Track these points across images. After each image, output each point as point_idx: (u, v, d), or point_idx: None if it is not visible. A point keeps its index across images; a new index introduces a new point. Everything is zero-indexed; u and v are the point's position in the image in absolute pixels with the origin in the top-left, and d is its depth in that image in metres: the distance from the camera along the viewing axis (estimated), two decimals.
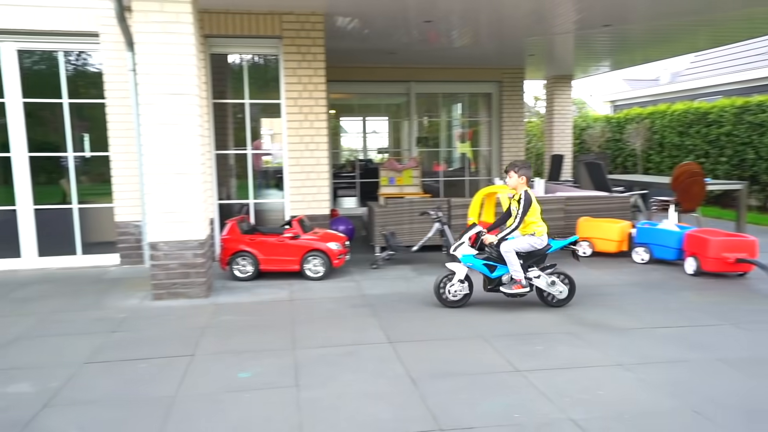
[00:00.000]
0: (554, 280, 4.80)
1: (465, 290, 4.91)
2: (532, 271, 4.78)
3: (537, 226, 4.75)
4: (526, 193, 4.68)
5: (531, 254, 4.79)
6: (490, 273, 4.84)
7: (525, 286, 4.75)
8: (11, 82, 6.40)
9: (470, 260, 4.83)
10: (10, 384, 3.42)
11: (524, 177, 4.73)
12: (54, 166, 6.80)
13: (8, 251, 6.64)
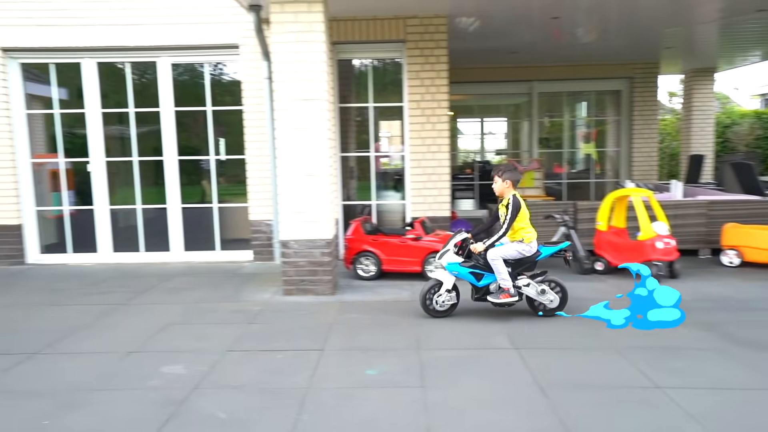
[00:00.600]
0: (544, 289, 4.57)
1: (452, 300, 4.70)
2: (521, 279, 4.58)
3: (526, 232, 4.54)
4: (514, 197, 4.50)
5: (520, 262, 4.58)
6: (477, 282, 4.65)
7: (513, 295, 4.56)
8: (165, 92, 7.10)
9: (456, 268, 4.64)
10: (165, 365, 3.78)
11: (509, 181, 4.55)
12: (194, 168, 7.44)
13: (160, 245, 7.37)
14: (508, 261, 4.56)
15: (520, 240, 4.54)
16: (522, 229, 4.54)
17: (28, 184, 7.21)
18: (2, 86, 6.88)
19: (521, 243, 4.54)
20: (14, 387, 3.47)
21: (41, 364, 3.86)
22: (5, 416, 3.10)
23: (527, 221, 4.57)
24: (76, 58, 7.03)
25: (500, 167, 4.68)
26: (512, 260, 4.57)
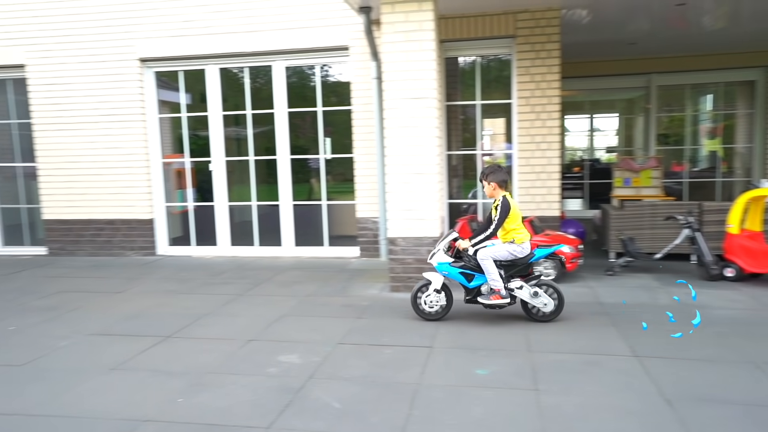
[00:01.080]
0: (537, 291, 4.42)
1: (442, 301, 4.60)
2: (514, 281, 4.45)
3: (517, 233, 4.44)
4: (504, 198, 4.41)
5: (514, 264, 4.47)
6: (468, 282, 4.53)
7: (505, 296, 4.43)
8: (279, 94, 7.46)
9: (446, 268, 4.53)
10: (282, 354, 3.97)
11: (494, 183, 4.48)
12: (302, 166, 7.74)
13: (272, 240, 7.76)
14: (501, 263, 4.47)
15: (511, 241, 4.46)
16: (514, 230, 4.46)
17: (159, 182, 7.87)
18: (139, 93, 7.57)
19: (512, 244, 4.45)
20: (154, 366, 3.81)
21: (174, 346, 4.20)
22: (150, 391, 3.40)
23: (519, 222, 4.48)
24: (201, 65, 7.58)
25: (485, 170, 4.59)
26: (505, 262, 4.48)
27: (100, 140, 7.70)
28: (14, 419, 3.08)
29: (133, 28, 7.46)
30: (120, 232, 7.85)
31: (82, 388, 3.46)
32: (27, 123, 8.03)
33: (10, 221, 8.44)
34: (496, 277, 4.42)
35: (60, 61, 7.64)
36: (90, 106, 7.66)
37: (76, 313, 5.12)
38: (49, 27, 7.62)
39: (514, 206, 4.45)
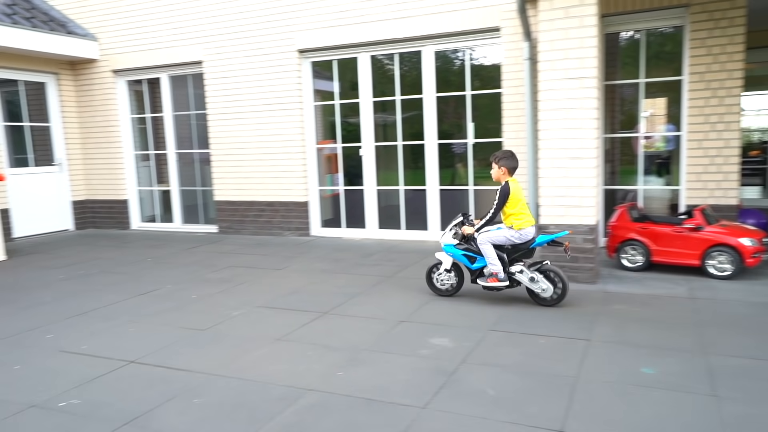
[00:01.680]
0: (534, 276, 4.51)
1: (452, 280, 4.91)
2: (515, 265, 4.58)
3: (516, 219, 4.51)
4: (505, 184, 4.53)
5: (516, 248, 4.60)
6: (471, 264, 4.75)
7: (503, 279, 4.60)
8: (428, 79, 7.50)
9: (451, 250, 4.80)
10: (433, 336, 4.02)
11: (504, 168, 4.57)
12: (444, 151, 7.70)
13: (418, 224, 7.87)
14: (503, 247, 4.62)
15: (509, 226, 4.54)
16: (512, 215, 4.53)
17: (314, 167, 8.34)
18: (297, 83, 8.05)
19: (510, 229, 4.54)
20: (313, 339, 4.06)
21: (331, 322, 4.44)
22: (311, 363, 3.64)
23: (519, 208, 4.52)
24: (354, 53, 7.85)
25: (497, 154, 4.66)
26: (507, 246, 4.61)
27: (263, 128, 8.33)
28: (200, 376, 3.46)
29: (293, 22, 7.93)
30: (279, 214, 8.47)
31: (253, 355, 3.80)
32: (203, 114, 8.93)
33: (188, 202, 9.50)
34: (495, 261, 4.58)
35: (230, 56, 8.37)
36: (254, 96, 8.31)
37: (245, 287, 5.63)
38: (222, 26, 8.37)
39: (513, 192, 4.52)
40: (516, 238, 4.56)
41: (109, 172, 9.68)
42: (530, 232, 4.56)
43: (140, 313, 4.84)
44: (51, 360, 3.82)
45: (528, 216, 4.57)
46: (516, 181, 4.62)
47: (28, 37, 8.37)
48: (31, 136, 9.34)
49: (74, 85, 9.69)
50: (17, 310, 5.04)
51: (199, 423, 2.88)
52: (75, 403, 3.15)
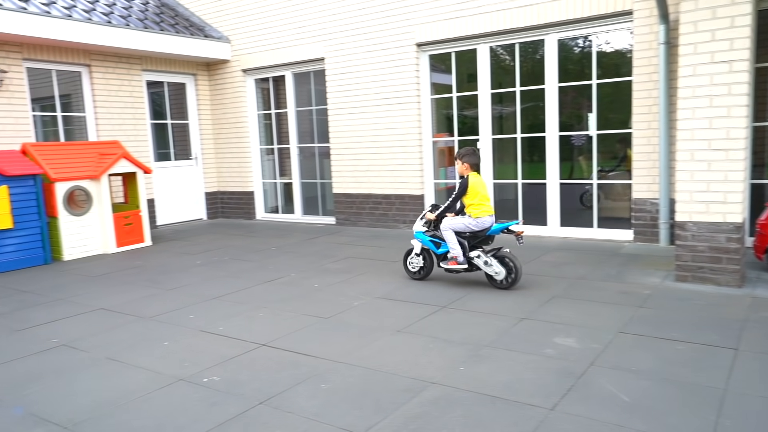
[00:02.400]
0: (488, 261, 4.96)
1: (420, 263, 5.44)
2: (474, 251, 5.04)
3: (474, 209, 5.02)
4: (465, 178, 5.06)
5: (475, 235, 5.07)
6: (437, 249, 5.27)
7: (462, 263, 5.08)
8: (551, 69, 7.20)
9: (420, 236, 5.33)
10: (558, 336, 3.87)
11: (467, 164, 5.09)
12: (563, 144, 7.34)
13: (536, 219, 7.62)
14: (464, 234, 5.11)
15: (468, 215, 5.06)
16: (471, 205, 5.05)
17: (429, 160, 8.35)
18: (415, 76, 8.09)
19: (469, 217, 5.06)
20: (433, 332, 4.07)
21: (450, 316, 4.43)
22: (432, 356, 3.65)
23: (478, 199, 5.02)
24: (473, 45, 7.74)
25: (461, 152, 5.19)
26: (466, 233, 5.10)
27: (380, 122, 8.48)
28: (326, 363, 3.60)
29: (411, 16, 7.97)
30: (394, 206, 8.59)
31: (375, 345, 3.88)
32: (323, 109, 9.27)
33: (308, 194, 9.92)
34: (455, 245, 5.09)
35: (350, 52, 8.60)
36: (373, 91, 8.47)
37: (364, 277, 5.77)
38: (343, 23, 8.61)
39: (472, 185, 5.02)
40: (474, 226, 5.06)
41: (237, 166, 10.36)
42: (487, 221, 5.06)
43: (268, 299, 5.13)
44: (193, 338, 4.16)
45: (486, 207, 5.08)
46: (477, 176, 5.14)
47: (173, 42, 9.16)
48: (172, 133, 10.23)
49: (209, 84, 10.47)
50: (163, 291, 5.56)
51: (327, 408, 3.00)
52: (216, 380, 3.40)
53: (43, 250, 7.05)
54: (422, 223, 5.36)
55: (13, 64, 7.75)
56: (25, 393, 3.33)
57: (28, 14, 7.34)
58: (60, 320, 4.73)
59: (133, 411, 3.05)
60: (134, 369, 3.62)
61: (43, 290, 5.76)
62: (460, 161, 5.15)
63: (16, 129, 7.81)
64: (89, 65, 8.67)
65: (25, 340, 4.26)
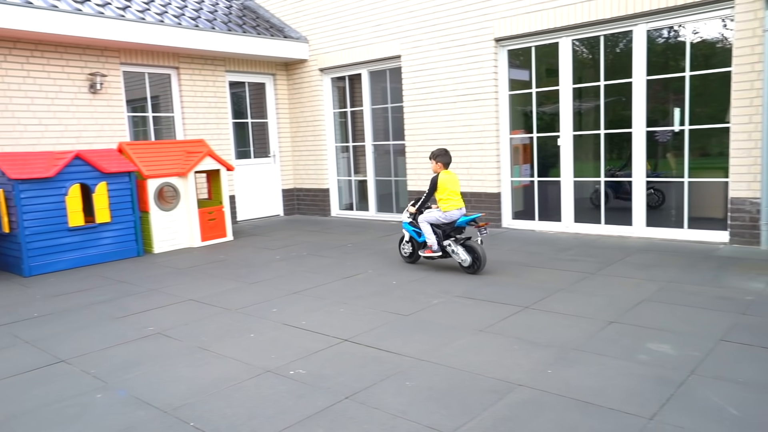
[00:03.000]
0: (454, 249, 5.65)
1: (410, 249, 6.19)
2: (447, 240, 5.74)
3: (444, 203, 5.74)
4: (435, 175, 5.82)
5: (448, 226, 5.75)
6: (418, 238, 6.01)
7: (436, 251, 5.80)
8: (638, 61, 6.86)
9: (406, 227, 6.10)
10: (651, 341, 3.68)
11: (440, 163, 5.84)
12: (650, 139, 6.98)
13: (620, 218, 7.29)
14: (437, 225, 5.81)
15: (438, 208, 5.78)
16: (441, 200, 5.74)
17: (506, 158, 8.18)
18: (493, 72, 7.94)
19: (440, 211, 5.75)
20: (517, 333, 3.98)
21: (533, 317, 4.31)
22: (517, 357, 3.57)
23: (447, 194, 5.70)
24: (554, 38, 7.50)
25: (435, 152, 5.88)
26: (441, 224, 5.77)
27: (456, 119, 8.39)
28: (408, 360, 3.59)
29: (490, 11, 7.83)
30: (470, 205, 8.47)
31: (456, 344, 3.84)
32: (398, 107, 9.29)
33: (382, 191, 9.98)
34: (430, 235, 5.82)
35: (426, 49, 8.56)
36: (449, 88, 8.39)
37: (441, 275, 5.72)
38: (420, 20, 8.58)
39: (441, 182, 5.74)
40: (443, 218, 5.76)
41: (313, 163, 10.57)
42: (455, 214, 5.73)
43: (347, 295, 5.19)
44: (277, 331, 4.27)
45: (454, 201, 5.73)
46: (448, 173, 5.83)
47: (255, 43, 9.46)
48: (252, 132, 10.58)
49: (287, 84, 10.74)
50: (246, 284, 5.75)
51: (413, 405, 2.98)
52: (302, 373, 3.47)
53: (136, 243, 7.48)
54: (407, 215, 6.10)
55: (111, 68, 8.26)
56: (126, 377, 3.53)
57: (126, 21, 7.80)
58: (154, 309, 5.00)
59: (225, 399, 3.16)
60: (224, 359, 3.76)
61: (137, 281, 6.11)
62: (434, 161, 5.88)
63: (114, 129, 8.32)
64: (178, 67, 9.11)
65: (124, 327, 4.53)
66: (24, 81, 7.45)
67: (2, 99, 7.28)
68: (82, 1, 7.72)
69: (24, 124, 7.48)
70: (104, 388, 3.38)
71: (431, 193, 5.83)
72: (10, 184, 6.40)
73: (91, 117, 8.10)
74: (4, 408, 3.19)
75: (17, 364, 3.85)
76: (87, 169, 6.93)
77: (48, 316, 4.95)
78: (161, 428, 2.86)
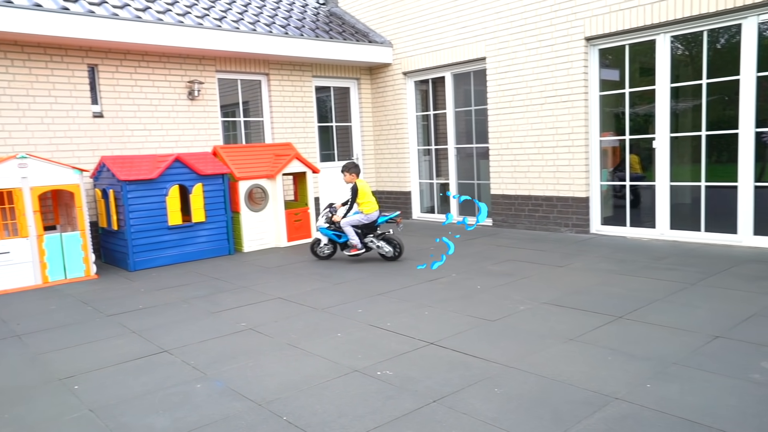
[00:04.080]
0: (378, 244, 6.79)
1: (330, 249, 7.11)
2: (368, 237, 6.83)
3: (365, 206, 6.73)
4: (354, 184, 6.75)
5: (368, 226, 6.78)
6: (338, 239, 6.92)
7: (360, 248, 6.80)
8: (748, 57, 6.37)
9: (324, 231, 6.95)
10: (765, 360, 3.40)
11: (354, 174, 6.80)
12: None
13: (723, 226, 6.81)
14: (357, 226, 6.76)
15: (360, 211, 6.74)
16: (362, 203, 6.73)
17: (596, 161, 7.86)
18: (583, 72, 7.67)
19: (361, 214, 6.73)
20: (610, 344, 3.81)
21: (628, 328, 4.11)
22: (612, 369, 3.41)
23: (366, 199, 6.73)
24: (650, 35, 7.13)
25: (347, 165, 6.84)
26: (361, 225, 6.76)
27: (543, 121, 8.16)
28: (496, 366, 3.53)
29: (580, 9, 7.56)
30: (556, 209, 8.22)
31: (546, 352, 3.72)
32: (481, 109, 9.18)
33: (464, 194, 9.88)
34: (353, 236, 6.73)
35: (513, 51, 8.40)
36: (536, 89, 8.19)
37: (527, 281, 5.59)
38: (506, 21, 8.44)
39: (361, 188, 6.69)
40: (365, 219, 6.72)
41: (396, 166, 10.65)
42: (374, 215, 6.76)
43: (431, 298, 5.18)
44: (363, 332, 4.33)
45: (373, 204, 6.76)
46: (362, 181, 6.81)
47: (341, 48, 9.68)
48: (336, 135, 10.81)
49: (371, 88, 10.90)
50: (331, 285, 5.87)
51: (503, 413, 2.93)
52: (389, 374, 3.50)
53: (227, 241, 7.85)
54: (324, 221, 6.89)
55: (208, 76, 8.73)
56: (223, 369, 3.71)
57: (222, 31, 8.22)
58: (245, 306, 5.22)
59: (315, 396, 3.24)
60: (313, 356, 3.86)
61: (230, 278, 6.41)
62: (349, 173, 6.79)
63: (209, 133, 8.79)
64: (268, 74, 9.48)
65: (219, 322, 4.76)
66: (132, 89, 8.02)
67: (113, 107, 7.88)
68: (184, 13, 8.22)
69: (131, 129, 8.06)
70: (203, 379, 3.57)
71: (354, 200, 6.73)
72: (119, 185, 6.91)
73: (189, 122, 8.59)
74: (117, 391, 3.44)
75: (126, 351, 4.15)
76: (185, 171, 7.35)
77: (151, 308, 5.29)
78: (256, 420, 2.98)
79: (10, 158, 6.11)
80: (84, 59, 7.60)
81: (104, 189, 7.25)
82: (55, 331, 4.71)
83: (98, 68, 7.75)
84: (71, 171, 6.50)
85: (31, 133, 7.25)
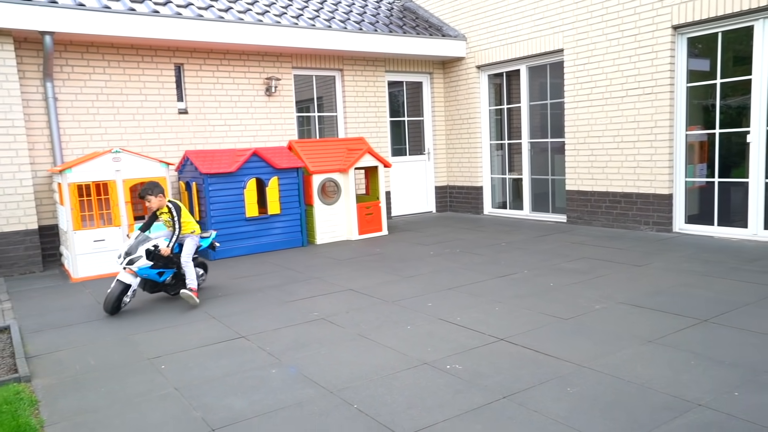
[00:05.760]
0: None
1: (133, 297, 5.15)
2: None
3: (192, 225, 5.34)
4: (172, 203, 5.19)
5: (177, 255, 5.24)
6: (159, 278, 5.18)
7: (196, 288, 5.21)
8: None
9: (147, 272, 5.02)
10: None
11: (161, 195, 5.16)
12: None
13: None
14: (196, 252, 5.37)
15: (192, 231, 5.33)
16: (189, 223, 5.31)
17: (681, 156, 7.45)
18: (669, 63, 7.27)
19: (194, 235, 5.33)
20: (692, 348, 3.62)
21: (713, 332, 3.89)
22: (696, 374, 3.25)
23: (191, 218, 5.36)
24: (748, 21, 6.66)
25: (147, 189, 5.12)
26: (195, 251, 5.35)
27: (624, 114, 7.82)
28: (569, 365, 3.44)
29: None
30: (635, 206, 7.87)
31: (623, 353, 3.59)
32: (557, 103, 8.92)
33: (537, 190, 9.65)
34: (193, 274, 5.22)
35: (592, 42, 8.10)
36: (616, 81, 7.85)
37: (603, 280, 5.40)
38: (585, 11, 8.14)
39: (181, 204, 5.24)
40: (198, 241, 5.40)
41: (467, 161, 10.55)
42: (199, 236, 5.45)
43: (502, 294, 5.11)
44: (433, 326, 4.34)
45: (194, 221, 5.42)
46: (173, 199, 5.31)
47: (415, 43, 9.69)
48: (407, 129, 10.85)
49: (443, 82, 10.84)
50: (402, 278, 5.92)
51: (575, 413, 2.86)
52: (458, 368, 3.50)
53: (301, 233, 8.07)
54: (146, 259, 4.93)
55: (285, 72, 9.00)
56: (296, 356, 3.84)
57: (299, 28, 8.44)
58: (317, 296, 5.36)
59: (385, 386, 3.30)
60: (383, 348, 3.92)
61: (302, 269, 6.60)
62: (154, 197, 5.13)
63: (284, 128, 9.06)
64: (342, 69, 9.64)
65: (292, 311, 4.92)
66: (213, 87, 8.40)
67: (197, 103, 8.29)
68: (263, 12, 8.50)
69: (213, 125, 8.44)
70: (278, 365, 3.71)
71: (179, 219, 5.17)
72: (201, 177, 7.27)
73: (266, 117, 8.89)
74: (199, 373, 3.65)
75: (207, 336, 4.38)
76: (262, 165, 7.63)
77: (230, 296, 5.55)
78: (328, 407, 3.07)
79: (106, 152, 6.57)
80: (171, 59, 8.03)
81: (188, 182, 7.66)
82: (143, 315, 5.03)
83: (184, 67, 8.17)
84: (159, 164, 6.90)
85: (124, 129, 7.76)
